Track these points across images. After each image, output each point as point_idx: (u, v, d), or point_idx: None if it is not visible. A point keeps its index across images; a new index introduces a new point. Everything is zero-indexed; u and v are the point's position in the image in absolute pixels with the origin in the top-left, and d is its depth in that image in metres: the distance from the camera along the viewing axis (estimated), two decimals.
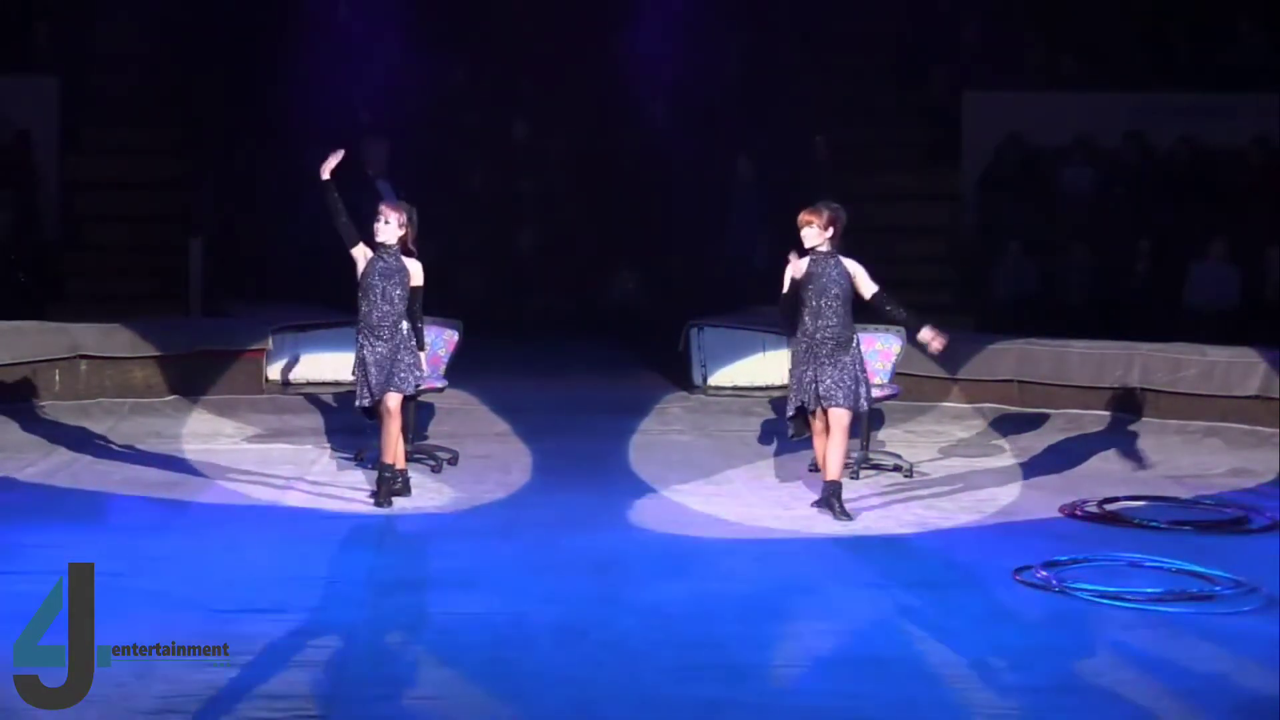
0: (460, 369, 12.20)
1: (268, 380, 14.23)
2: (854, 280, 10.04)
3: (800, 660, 7.45)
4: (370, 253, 10.32)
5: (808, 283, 10.00)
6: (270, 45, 17.20)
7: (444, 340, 11.76)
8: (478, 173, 17.79)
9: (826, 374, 9.97)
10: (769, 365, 14.64)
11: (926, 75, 18.38)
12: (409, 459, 11.31)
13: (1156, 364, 13.61)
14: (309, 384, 14.31)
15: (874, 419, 11.79)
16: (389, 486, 10.28)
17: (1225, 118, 16.84)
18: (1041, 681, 7.19)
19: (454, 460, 11.48)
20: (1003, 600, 8.37)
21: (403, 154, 15.82)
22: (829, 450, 10.05)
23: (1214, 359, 13.59)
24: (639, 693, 7.00)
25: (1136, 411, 13.46)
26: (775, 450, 12.21)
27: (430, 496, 10.59)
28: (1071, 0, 18.26)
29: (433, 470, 11.26)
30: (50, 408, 13.13)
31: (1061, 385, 13.75)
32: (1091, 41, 18.04)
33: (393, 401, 10.21)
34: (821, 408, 10.01)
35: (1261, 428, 12.85)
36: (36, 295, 15.42)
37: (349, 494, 10.57)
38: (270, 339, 14.28)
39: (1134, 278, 15.84)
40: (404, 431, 10.51)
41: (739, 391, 14.48)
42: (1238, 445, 12.52)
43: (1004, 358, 14.01)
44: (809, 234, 10.05)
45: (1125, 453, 12.32)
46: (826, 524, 9.97)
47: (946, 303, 16.66)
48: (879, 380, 11.69)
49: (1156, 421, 13.24)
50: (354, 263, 10.36)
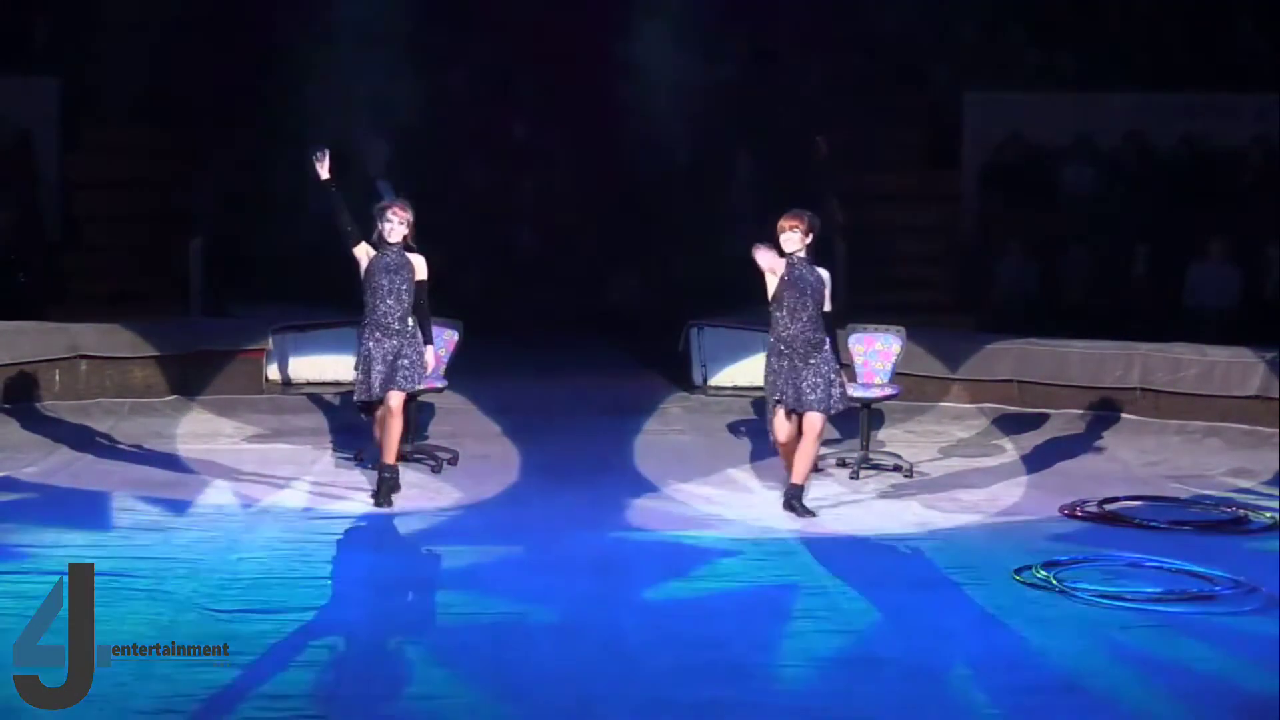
0: (460, 369, 12.20)
1: (268, 380, 14.23)
2: (825, 289, 10.25)
3: (800, 660, 7.45)
4: (372, 251, 10.33)
5: (787, 286, 10.16)
6: (270, 45, 17.20)
7: (444, 340, 11.76)
8: (478, 173, 17.79)
9: (804, 377, 10.13)
10: None
11: (926, 75, 18.38)
12: (409, 459, 11.34)
13: (1156, 364, 13.61)
14: (309, 384, 14.31)
15: (874, 419, 11.79)
16: (389, 486, 10.29)
17: (1225, 118, 16.84)
18: (1041, 681, 7.19)
19: (454, 460, 11.48)
20: (1003, 600, 8.37)
21: (403, 154, 15.81)
22: (799, 454, 10.19)
23: (1214, 359, 13.60)
24: (639, 693, 7.00)
25: (1136, 412, 13.47)
26: (775, 450, 12.21)
27: (430, 496, 10.59)
28: (1071, 0, 18.26)
29: (433, 470, 11.26)
30: (50, 408, 13.13)
31: (1061, 385, 13.76)
32: (1091, 41, 18.04)
33: (395, 400, 10.22)
34: (796, 411, 10.16)
35: (1261, 428, 12.86)
36: (36, 295, 15.41)
37: (349, 494, 10.57)
38: (270, 339, 14.28)
39: (1134, 278, 15.83)
40: (404, 431, 10.51)
41: (739, 391, 14.47)
42: (1238, 445, 12.53)
43: (1004, 358, 14.01)
44: (792, 239, 10.22)
45: (1125, 453, 12.32)
46: (826, 524, 9.97)
47: (946, 303, 16.67)
48: (879, 380, 11.71)
49: (1156, 421, 13.25)
50: (356, 261, 10.36)
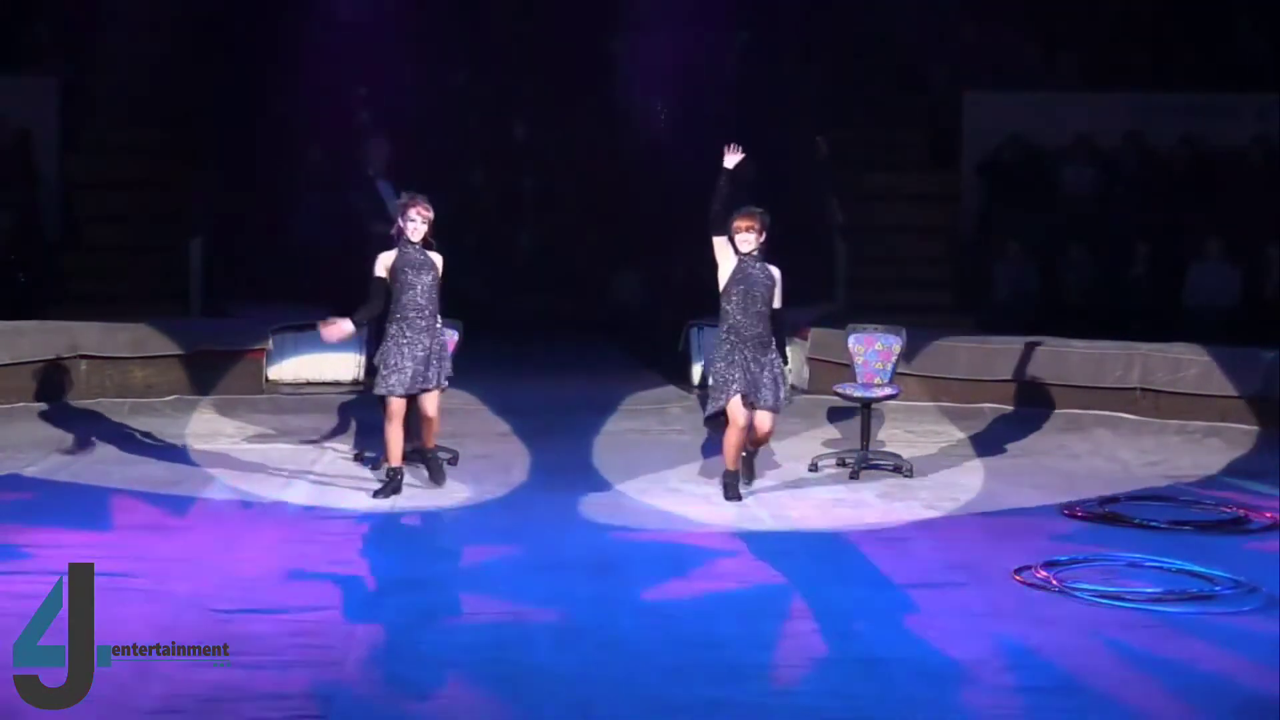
0: (460, 369, 12.19)
1: (268, 380, 14.24)
2: (774, 288, 10.47)
3: (800, 660, 7.45)
4: (392, 251, 10.45)
5: (739, 282, 10.47)
6: (271, 45, 17.21)
7: (444, 340, 11.74)
8: (478, 173, 17.79)
9: (760, 376, 10.38)
10: None
11: (926, 75, 18.38)
12: (407, 459, 11.34)
13: (1156, 364, 13.61)
14: (309, 384, 14.31)
15: (874, 419, 11.78)
16: (397, 483, 10.41)
17: (1225, 118, 16.83)
18: (1041, 681, 7.19)
19: (454, 460, 11.48)
20: (1003, 600, 8.37)
21: (403, 154, 15.81)
22: (738, 440, 10.43)
23: (1214, 359, 13.60)
24: (639, 693, 7.00)
25: (1136, 412, 13.46)
26: (774, 450, 12.21)
27: (431, 496, 10.58)
28: (1071, 0, 18.26)
29: None
30: (50, 408, 13.13)
31: (1061, 385, 13.75)
32: (1091, 41, 18.03)
33: (431, 405, 10.49)
34: (751, 405, 10.41)
35: (1261, 428, 12.85)
36: (36, 295, 15.41)
37: (349, 494, 10.57)
38: (270, 339, 14.28)
39: (1134, 278, 15.83)
40: (406, 430, 10.54)
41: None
42: (1238, 445, 12.52)
43: (1004, 358, 14.01)
44: (748, 239, 10.48)
45: (1125, 453, 12.32)
46: (826, 525, 9.97)
47: (946, 303, 16.67)
48: (879, 380, 11.71)
49: (1156, 421, 13.24)
50: (371, 265, 10.47)
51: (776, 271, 10.50)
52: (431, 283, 10.46)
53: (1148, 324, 14.83)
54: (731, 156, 10.64)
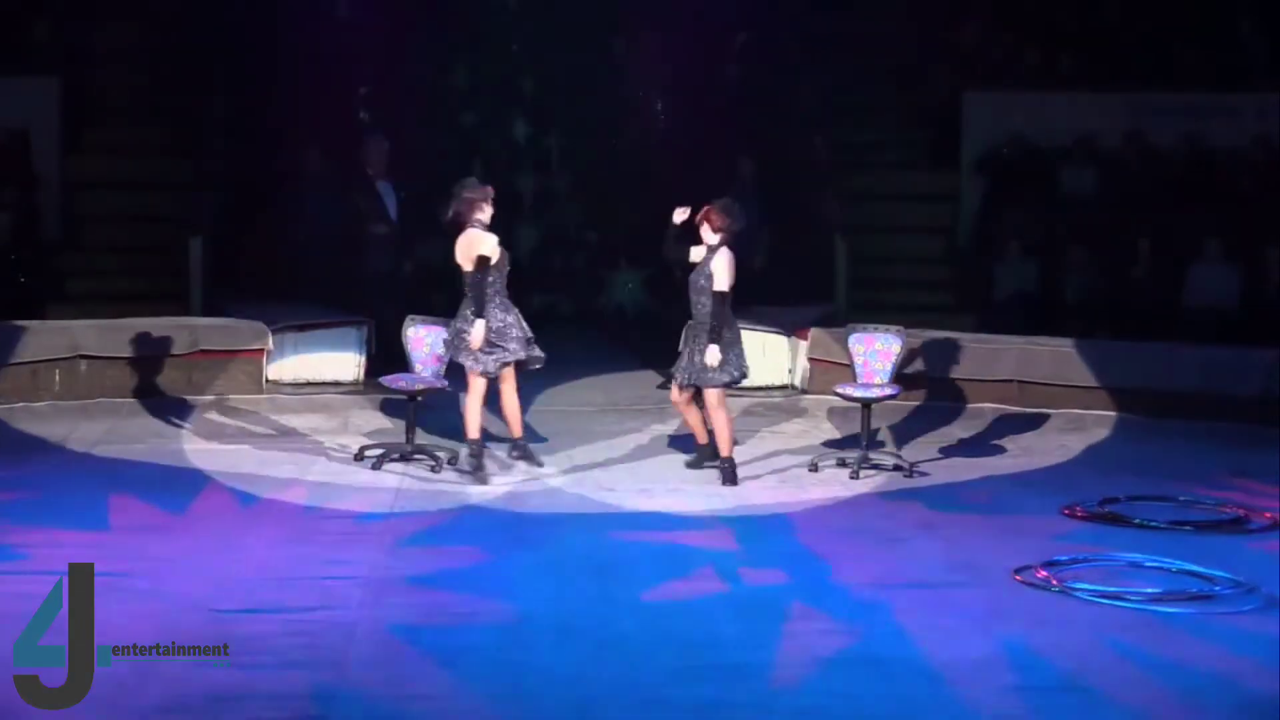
0: (460, 369, 12.18)
1: (268, 380, 14.23)
2: (714, 274, 10.94)
3: (800, 660, 7.45)
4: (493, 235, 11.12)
5: (692, 275, 11.08)
6: (270, 45, 17.20)
7: (444, 340, 11.74)
8: (478, 173, 17.78)
9: (697, 357, 10.94)
10: (769, 365, 14.64)
11: (926, 75, 18.37)
12: (409, 458, 11.36)
13: (1156, 363, 13.61)
14: (309, 384, 14.31)
15: (874, 419, 11.77)
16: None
17: (1225, 118, 16.82)
18: (1041, 681, 7.20)
19: (454, 460, 11.48)
20: (1003, 600, 8.37)
21: (403, 154, 15.81)
22: (713, 428, 11.08)
23: (1214, 359, 13.60)
24: (639, 693, 7.01)
25: (1136, 411, 13.47)
26: (774, 450, 12.21)
27: (431, 496, 10.59)
28: (1071, 0, 18.26)
29: (432, 470, 11.26)
30: (50, 408, 13.13)
31: (1061, 385, 13.76)
32: (1091, 41, 18.02)
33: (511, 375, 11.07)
34: (694, 385, 11.01)
35: (1261, 427, 12.85)
36: (36, 295, 15.40)
37: (349, 494, 10.57)
38: (270, 339, 14.28)
39: (1134, 278, 15.82)
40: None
41: (739, 392, 14.46)
42: (1237, 445, 12.52)
43: (1004, 358, 14.01)
44: (705, 233, 11.04)
45: (1125, 453, 12.32)
46: (828, 525, 9.97)
47: (946, 303, 16.66)
48: (879, 380, 11.70)
49: (1155, 421, 13.24)
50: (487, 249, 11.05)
51: (720, 258, 10.91)
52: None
53: (1148, 324, 14.84)
54: (680, 214, 11.08)
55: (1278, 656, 7.45)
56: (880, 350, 11.74)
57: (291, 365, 14.40)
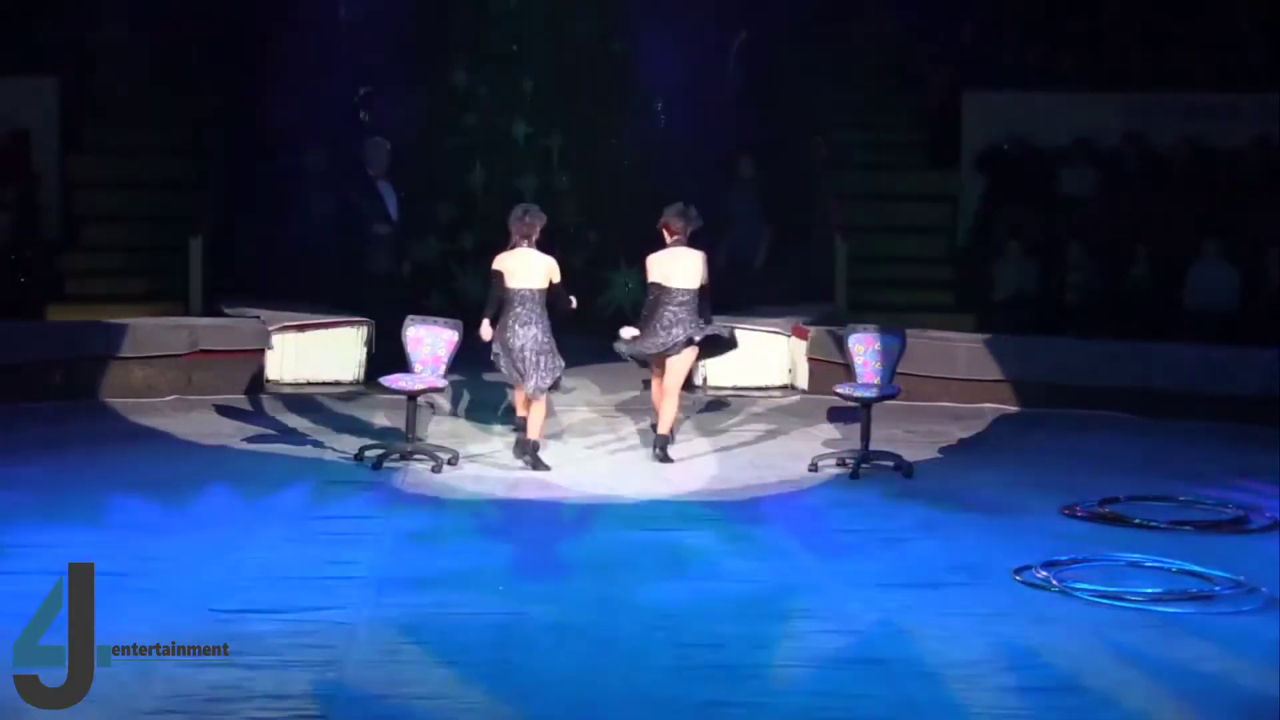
0: (460, 369, 12.20)
1: (268, 380, 14.23)
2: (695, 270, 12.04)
3: (800, 660, 7.45)
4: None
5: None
6: (271, 45, 17.20)
7: (444, 340, 11.76)
8: (478, 173, 17.80)
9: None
10: (769, 365, 14.64)
11: (926, 75, 18.37)
12: (409, 457, 11.37)
13: (1156, 363, 13.60)
14: (309, 384, 14.31)
15: (874, 419, 11.76)
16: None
17: (1225, 118, 16.82)
18: (1041, 681, 7.19)
19: (454, 460, 11.49)
20: (1003, 600, 8.37)
21: (403, 154, 15.81)
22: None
23: (1214, 359, 13.60)
24: (639, 693, 7.00)
25: (1137, 411, 13.47)
26: (774, 450, 12.22)
27: (431, 496, 10.59)
28: (1071, 0, 18.26)
29: (433, 470, 11.27)
30: (52, 408, 13.12)
31: (1061, 385, 13.76)
32: (1091, 41, 18.02)
33: None
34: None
35: (1261, 427, 12.85)
36: (36, 295, 15.40)
37: (350, 494, 10.57)
38: (270, 339, 14.28)
39: (1134, 278, 15.82)
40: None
41: (739, 391, 14.48)
42: (1238, 445, 12.52)
43: (1004, 358, 14.00)
44: (671, 238, 12.23)
45: (1125, 453, 12.32)
46: (828, 525, 9.97)
47: (946, 303, 16.67)
48: (879, 380, 11.70)
49: (1157, 422, 13.24)
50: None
51: (692, 257, 12.07)
52: None
53: (1148, 324, 14.84)
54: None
55: (1278, 656, 7.45)
56: (880, 350, 11.74)
57: (291, 365, 14.40)
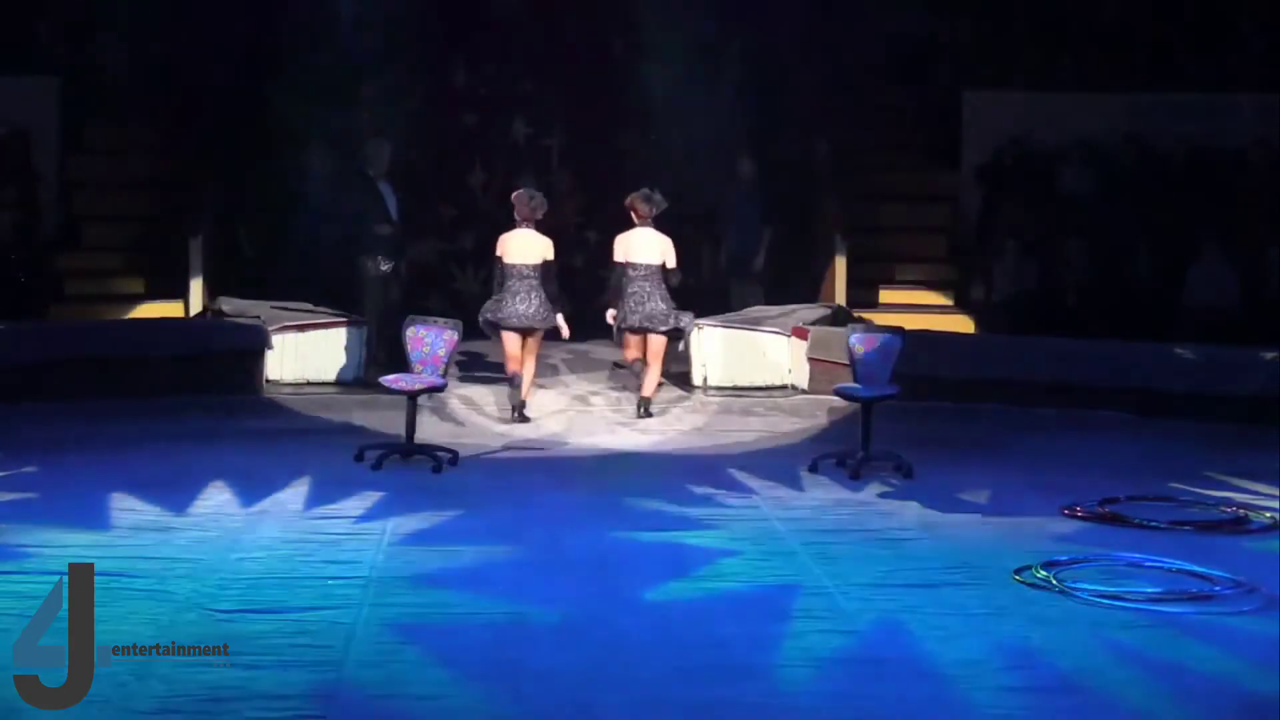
0: (460, 368, 12.20)
1: (268, 380, 14.23)
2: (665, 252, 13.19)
3: (800, 660, 7.45)
4: None
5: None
6: (271, 45, 17.21)
7: (444, 340, 11.76)
8: (478, 173, 17.81)
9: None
10: (769, 365, 14.65)
11: (926, 75, 18.38)
12: (409, 456, 11.38)
13: (1157, 364, 13.60)
14: (309, 384, 14.31)
15: (874, 419, 11.76)
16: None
17: (1225, 118, 16.83)
18: (1041, 681, 7.19)
19: (454, 460, 11.49)
20: (1003, 600, 8.37)
21: (403, 154, 15.82)
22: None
23: (1214, 359, 13.60)
24: (639, 693, 7.00)
25: (1137, 411, 13.46)
26: (774, 450, 12.23)
27: (431, 496, 10.59)
28: (1071, 0, 18.27)
29: (433, 470, 11.27)
30: (53, 407, 13.11)
31: (1061, 385, 13.75)
32: (1091, 42, 18.03)
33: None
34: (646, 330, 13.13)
35: (1261, 428, 12.85)
36: (36, 295, 15.41)
37: (349, 494, 10.57)
38: (270, 339, 14.28)
39: (1134, 278, 15.83)
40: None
41: (739, 391, 14.48)
42: (1236, 445, 12.52)
43: (1004, 358, 14.00)
44: (639, 220, 13.21)
45: (1126, 453, 12.32)
46: (828, 525, 9.98)
47: (946, 303, 16.68)
48: (879, 380, 11.69)
49: (1157, 422, 13.24)
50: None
51: (659, 240, 13.17)
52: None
53: (1148, 324, 14.85)
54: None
55: (1278, 656, 7.45)
56: (880, 350, 11.74)
57: (291, 365, 14.40)
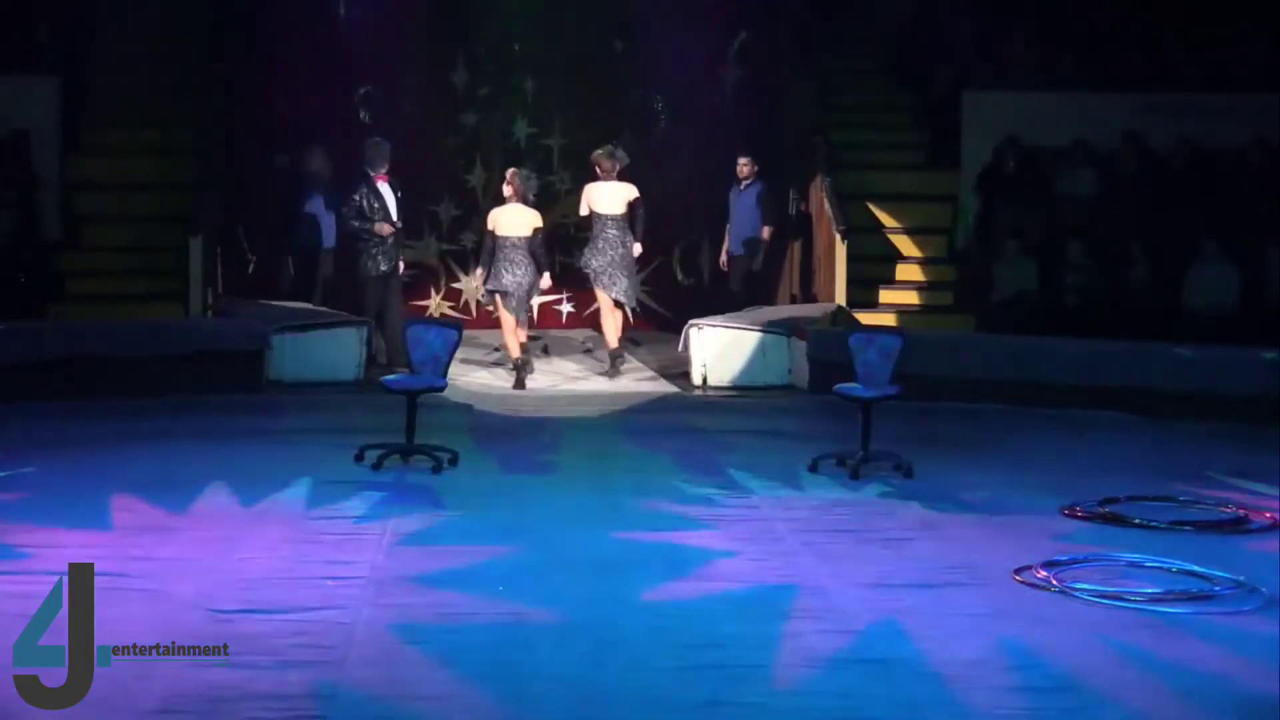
0: (460, 368, 12.20)
1: (268, 380, 14.24)
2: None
3: (800, 660, 7.44)
4: None
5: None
6: (271, 44, 17.21)
7: (444, 340, 11.76)
8: (478, 173, 17.81)
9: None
10: (769, 365, 14.65)
11: (926, 75, 18.38)
12: (409, 456, 11.39)
13: (1156, 363, 13.61)
14: (309, 384, 14.31)
15: (874, 419, 11.76)
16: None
17: (1225, 118, 16.82)
18: (1041, 681, 7.19)
19: (454, 460, 11.49)
20: (1003, 600, 8.37)
21: (403, 154, 15.83)
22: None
23: (1214, 359, 13.60)
24: (639, 693, 7.00)
25: (1137, 411, 13.47)
26: (774, 451, 12.22)
27: (430, 495, 10.59)
28: (1070, 0, 18.26)
29: (433, 470, 11.27)
30: (50, 407, 13.12)
31: (1061, 385, 13.76)
32: (1090, 42, 18.03)
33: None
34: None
35: (1261, 428, 12.85)
36: (36, 295, 15.41)
37: (350, 494, 10.57)
38: (270, 339, 14.28)
39: (1133, 278, 15.83)
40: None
41: (739, 391, 14.48)
42: (1238, 445, 12.52)
43: (1004, 357, 14.00)
44: (605, 174, 14.99)
45: (1125, 453, 12.32)
46: (827, 525, 9.97)
47: (947, 303, 16.68)
48: (879, 380, 11.68)
49: (1157, 421, 13.24)
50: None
51: (624, 189, 14.96)
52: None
53: (1147, 324, 14.85)
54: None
55: (1278, 656, 7.45)
56: (880, 350, 11.73)
57: (291, 365, 14.40)
